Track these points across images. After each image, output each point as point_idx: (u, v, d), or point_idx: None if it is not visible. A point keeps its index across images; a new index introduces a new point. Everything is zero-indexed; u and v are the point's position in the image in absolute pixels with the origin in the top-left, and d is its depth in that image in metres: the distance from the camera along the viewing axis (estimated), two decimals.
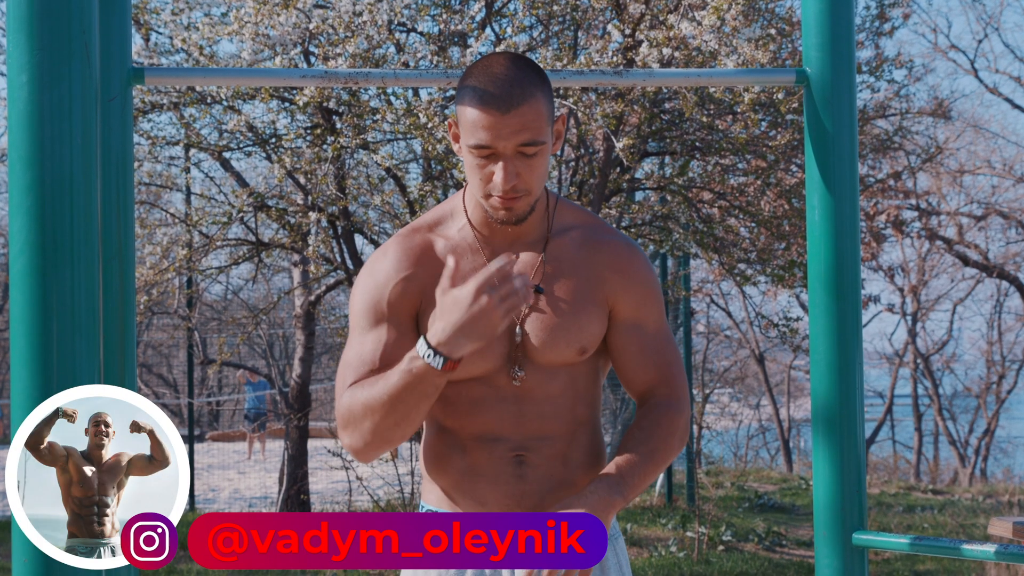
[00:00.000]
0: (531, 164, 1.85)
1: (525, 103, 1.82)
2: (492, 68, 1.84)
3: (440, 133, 5.27)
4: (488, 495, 1.92)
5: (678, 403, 1.95)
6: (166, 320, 17.01)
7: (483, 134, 1.82)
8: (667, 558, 7.74)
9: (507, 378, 1.92)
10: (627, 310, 1.97)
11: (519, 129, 1.81)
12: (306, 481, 9.71)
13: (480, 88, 1.83)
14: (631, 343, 1.97)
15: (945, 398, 21.64)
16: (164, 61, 6.46)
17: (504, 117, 1.81)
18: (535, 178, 1.87)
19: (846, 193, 2.25)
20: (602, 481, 1.82)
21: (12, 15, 1.75)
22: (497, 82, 1.82)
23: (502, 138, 1.81)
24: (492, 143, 1.82)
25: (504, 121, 1.81)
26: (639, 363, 1.97)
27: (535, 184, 1.87)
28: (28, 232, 1.71)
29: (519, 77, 1.83)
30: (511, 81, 1.82)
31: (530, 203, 1.89)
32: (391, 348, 1.91)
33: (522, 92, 1.82)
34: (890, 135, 9.17)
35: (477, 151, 1.84)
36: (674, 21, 5.17)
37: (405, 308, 1.93)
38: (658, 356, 1.98)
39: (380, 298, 1.93)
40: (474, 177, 1.88)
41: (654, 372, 1.97)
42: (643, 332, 1.97)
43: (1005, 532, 5.29)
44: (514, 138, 1.82)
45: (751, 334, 18.87)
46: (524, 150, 1.83)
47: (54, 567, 1.69)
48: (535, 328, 1.92)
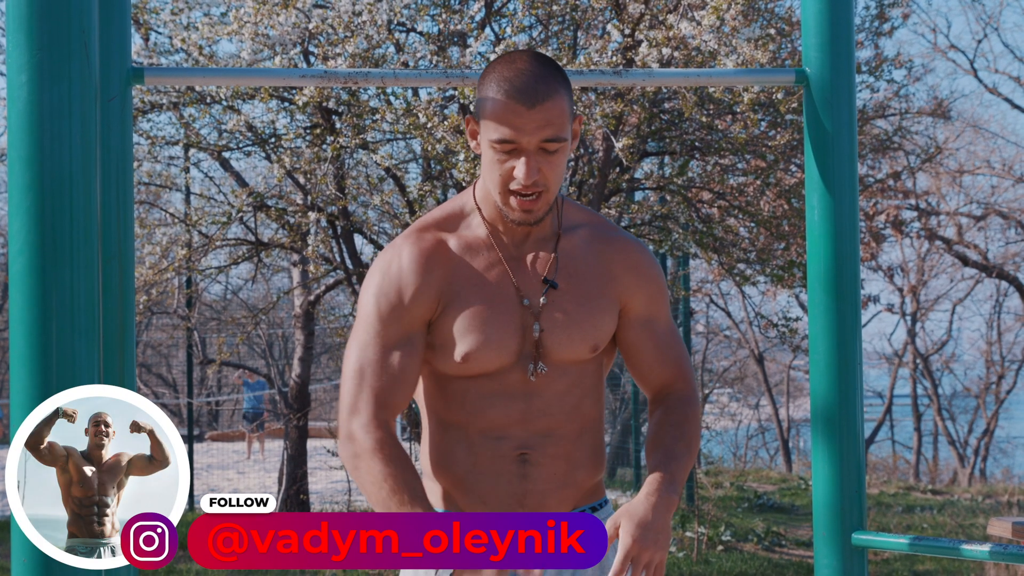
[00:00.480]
0: (552, 161, 1.85)
1: (550, 99, 1.82)
2: (517, 64, 1.85)
3: (440, 133, 5.27)
4: (490, 494, 1.92)
5: (695, 397, 1.98)
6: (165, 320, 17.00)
7: (507, 129, 1.82)
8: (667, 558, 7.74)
9: (518, 374, 1.91)
10: (640, 307, 1.98)
11: (543, 124, 1.82)
12: (305, 481, 9.70)
13: (505, 84, 1.83)
14: (646, 340, 1.97)
15: (944, 398, 21.64)
16: (164, 61, 6.46)
17: (529, 112, 1.81)
18: (554, 176, 1.87)
19: (845, 193, 2.25)
20: (657, 483, 1.81)
21: (11, 15, 1.75)
22: (523, 77, 1.83)
23: (526, 133, 1.82)
24: (516, 138, 1.82)
25: (529, 116, 1.81)
26: (656, 359, 1.98)
27: (553, 181, 1.87)
28: (28, 232, 1.71)
29: (544, 74, 1.84)
30: (536, 77, 1.83)
31: (548, 202, 1.89)
32: (410, 365, 1.89)
33: (547, 88, 1.83)
34: (890, 135, 9.17)
35: (500, 146, 1.84)
36: (673, 21, 5.17)
37: (422, 315, 1.92)
38: (672, 351, 1.99)
39: (398, 305, 1.91)
40: (493, 173, 1.87)
41: (672, 368, 1.98)
42: (656, 328, 1.98)
43: (1004, 532, 5.29)
44: (538, 133, 1.82)
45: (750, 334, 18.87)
46: (546, 146, 1.83)
47: (54, 567, 1.69)
48: (550, 324, 1.92)
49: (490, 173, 1.88)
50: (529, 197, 1.86)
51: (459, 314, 1.90)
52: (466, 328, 1.90)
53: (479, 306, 1.91)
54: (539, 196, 1.86)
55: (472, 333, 1.90)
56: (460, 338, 1.90)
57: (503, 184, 1.86)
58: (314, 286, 8.97)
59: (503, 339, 1.90)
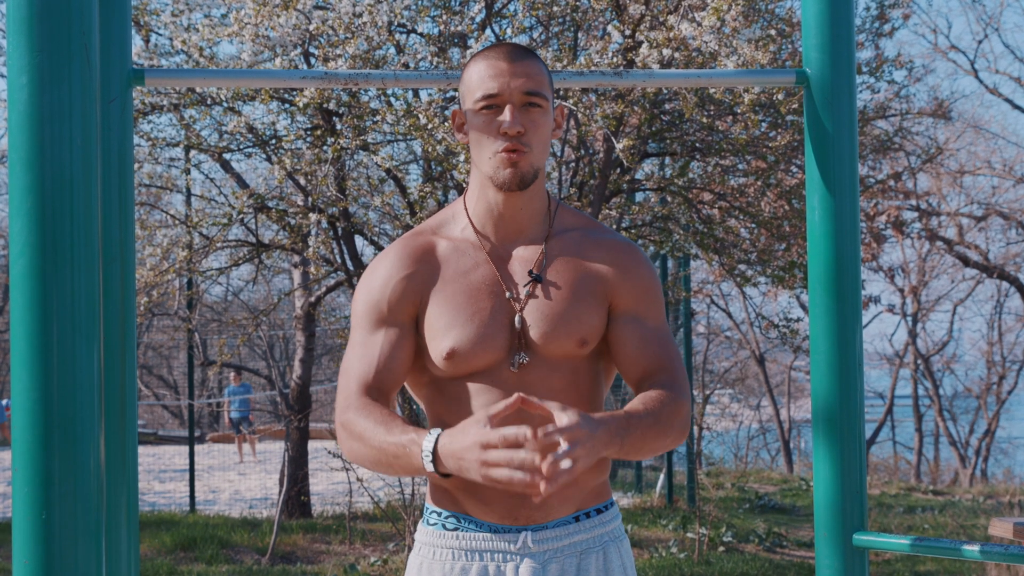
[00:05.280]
0: (535, 120, 1.92)
1: (528, 59, 1.94)
2: (496, 44, 1.98)
3: (440, 134, 5.27)
4: (491, 495, 1.92)
5: (681, 390, 1.94)
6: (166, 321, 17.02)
7: (491, 83, 1.91)
8: (668, 559, 7.74)
9: (510, 371, 1.92)
10: (627, 303, 1.98)
11: (524, 76, 1.91)
12: (307, 482, 9.71)
13: (486, 53, 1.96)
14: (632, 334, 1.97)
15: (945, 399, 21.65)
16: (164, 62, 6.47)
17: (511, 65, 1.92)
18: (538, 136, 1.93)
19: (846, 194, 2.25)
20: (613, 420, 1.78)
21: (12, 16, 1.74)
22: (501, 46, 1.96)
23: (508, 84, 1.91)
24: (500, 90, 1.91)
25: (511, 69, 1.92)
26: (639, 351, 1.96)
27: (537, 143, 1.93)
28: (28, 234, 1.71)
29: (521, 48, 1.97)
30: (514, 47, 1.96)
31: (532, 163, 1.93)
32: (392, 351, 1.93)
33: (525, 52, 1.96)
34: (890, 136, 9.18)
35: (485, 101, 1.91)
36: (674, 22, 5.17)
37: (405, 308, 1.95)
38: (659, 348, 1.98)
39: (380, 300, 1.95)
40: (481, 138, 1.93)
41: (654, 360, 1.96)
42: (644, 325, 1.98)
43: (1005, 533, 5.29)
44: (520, 83, 1.91)
45: (751, 335, 18.87)
46: (529, 99, 1.91)
47: (54, 569, 1.69)
48: (534, 316, 1.93)
49: (479, 141, 1.94)
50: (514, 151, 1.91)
51: (443, 310, 1.93)
52: (450, 323, 1.92)
53: (463, 302, 1.93)
54: (523, 154, 1.92)
55: (456, 328, 1.92)
56: (445, 333, 1.92)
57: (491, 144, 1.92)
58: (315, 287, 8.97)
59: (488, 334, 1.91)
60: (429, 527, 1.98)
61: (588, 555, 1.94)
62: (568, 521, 1.94)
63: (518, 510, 1.92)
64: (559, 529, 1.93)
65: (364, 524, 8.95)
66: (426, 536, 1.98)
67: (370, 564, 7.51)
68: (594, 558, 1.94)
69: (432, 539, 1.96)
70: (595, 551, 1.95)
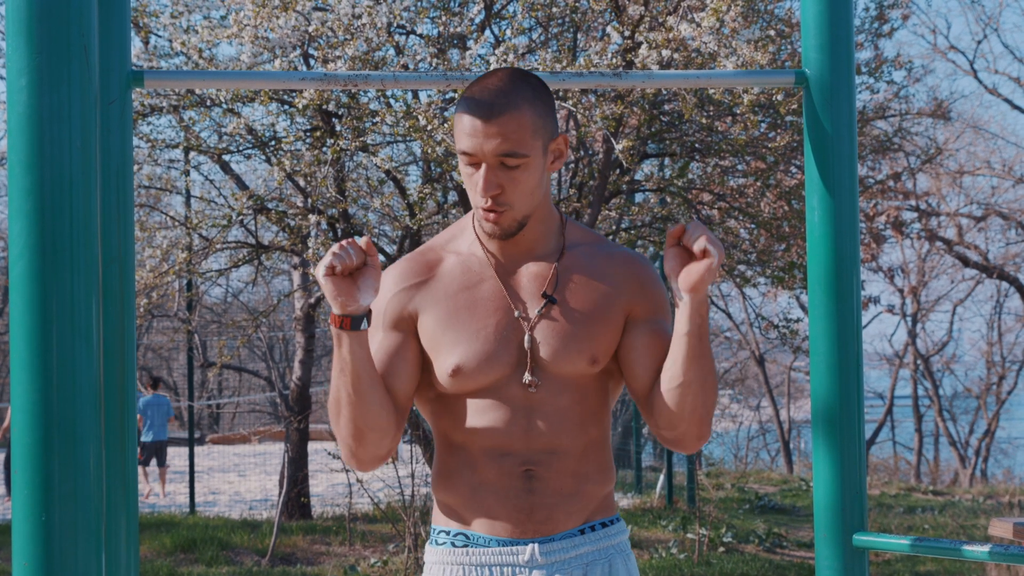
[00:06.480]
0: (514, 177, 1.86)
1: (507, 113, 1.83)
2: (487, 80, 1.88)
3: (439, 136, 5.27)
4: (498, 510, 1.92)
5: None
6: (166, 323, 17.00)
7: (466, 140, 1.85)
8: (668, 560, 7.74)
9: (517, 388, 1.90)
10: (648, 313, 1.96)
11: (499, 137, 1.83)
12: (306, 484, 9.72)
13: (468, 98, 1.86)
14: (656, 340, 1.94)
15: (945, 399, 21.65)
16: (163, 64, 6.47)
17: (485, 125, 1.83)
18: (518, 192, 1.87)
19: (845, 194, 2.25)
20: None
21: (11, 18, 1.74)
22: (485, 91, 1.85)
23: (482, 146, 1.84)
24: (473, 149, 1.85)
25: (484, 129, 1.83)
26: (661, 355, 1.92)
27: (518, 199, 1.88)
28: (28, 235, 1.71)
29: (509, 89, 1.85)
30: (499, 92, 1.85)
31: (515, 218, 1.89)
32: (389, 356, 1.92)
33: (506, 103, 1.84)
34: (890, 136, 9.19)
35: (464, 158, 1.87)
36: (673, 23, 5.17)
37: (404, 318, 1.94)
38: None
39: (379, 308, 1.95)
40: (467, 186, 1.90)
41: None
42: (660, 328, 1.96)
43: (1005, 533, 5.29)
44: (493, 146, 1.83)
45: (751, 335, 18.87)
46: (505, 160, 1.85)
47: (54, 571, 1.69)
48: (545, 336, 1.91)
49: (466, 186, 1.91)
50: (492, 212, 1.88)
51: (447, 326, 1.92)
52: (455, 340, 1.91)
53: (467, 318, 1.92)
54: (502, 213, 1.88)
55: (461, 345, 1.90)
56: (450, 350, 1.90)
57: (474, 195, 1.90)
58: (314, 289, 8.98)
59: (494, 351, 1.89)
60: (438, 547, 1.96)
61: (594, 566, 1.94)
62: (574, 534, 1.94)
63: (525, 524, 1.91)
64: (566, 541, 1.93)
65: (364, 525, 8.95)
66: (435, 555, 1.97)
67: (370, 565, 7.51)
68: (600, 569, 1.94)
69: (441, 557, 1.95)
70: (601, 563, 1.95)
